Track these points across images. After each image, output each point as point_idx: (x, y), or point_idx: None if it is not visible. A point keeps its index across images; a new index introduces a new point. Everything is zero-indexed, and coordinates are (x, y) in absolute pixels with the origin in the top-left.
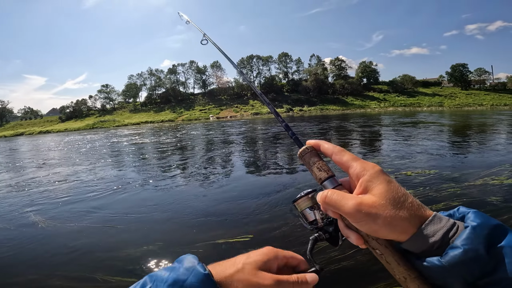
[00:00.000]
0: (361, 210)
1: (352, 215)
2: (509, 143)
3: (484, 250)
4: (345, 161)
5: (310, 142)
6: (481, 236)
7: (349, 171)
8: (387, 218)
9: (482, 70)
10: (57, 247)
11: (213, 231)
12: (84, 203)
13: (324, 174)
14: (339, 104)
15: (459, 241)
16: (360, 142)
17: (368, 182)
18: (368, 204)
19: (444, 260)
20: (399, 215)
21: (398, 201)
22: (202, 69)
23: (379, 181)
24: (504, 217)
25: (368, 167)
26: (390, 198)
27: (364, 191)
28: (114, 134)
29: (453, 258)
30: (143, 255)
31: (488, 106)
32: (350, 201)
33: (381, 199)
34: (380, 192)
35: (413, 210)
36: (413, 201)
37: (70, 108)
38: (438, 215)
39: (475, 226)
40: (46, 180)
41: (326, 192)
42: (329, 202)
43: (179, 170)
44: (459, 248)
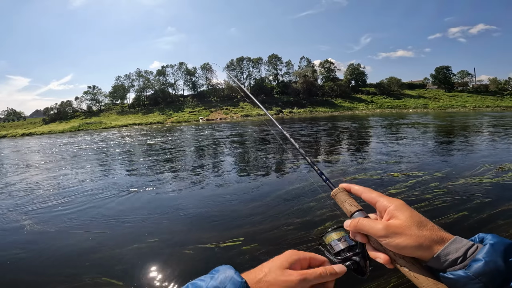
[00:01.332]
0: (389, 230)
1: (382, 234)
2: (490, 143)
3: (502, 261)
4: (374, 197)
5: (343, 185)
6: (499, 251)
7: (377, 204)
8: (412, 236)
9: (465, 73)
10: (45, 249)
11: (204, 233)
12: (71, 206)
13: (354, 208)
14: (328, 106)
15: (480, 255)
16: (349, 144)
17: (394, 211)
18: (396, 225)
19: (469, 271)
20: (422, 234)
21: (421, 224)
22: (191, 71)
23: (403, 210)
24: (485, 213)
25: (393, 201)
26: (413, 221)
27: (390, 218)
28: (100, 137)
29: (476, 269)
30: (134, 256)
31: (471, 108)
32: (379, 224)
33: (406, 222)
34: (405, 217)
35: (434, 231)
36: (434, 225)
37: (55, 109)
38: (459, 237)
39: (493, 243)
40: (31, 183)
41: (357, 219)
42: (361, 226)
43: (169, 174)
44: (481, 261)
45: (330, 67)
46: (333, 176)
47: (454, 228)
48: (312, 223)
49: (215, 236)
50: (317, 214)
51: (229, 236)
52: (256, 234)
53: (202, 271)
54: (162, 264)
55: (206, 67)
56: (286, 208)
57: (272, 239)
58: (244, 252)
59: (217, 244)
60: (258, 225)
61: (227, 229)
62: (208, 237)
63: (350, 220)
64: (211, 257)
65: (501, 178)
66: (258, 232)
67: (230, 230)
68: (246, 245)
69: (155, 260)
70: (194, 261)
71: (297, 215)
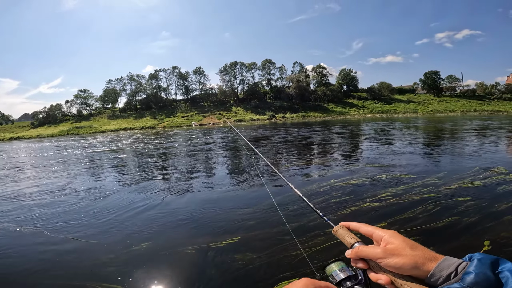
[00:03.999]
0: (387, 252)
1: (381, 256)
2: (480, 147)
3: (491, 273)
4: (370, 230)
5: (343, 223)
6: (486, 264)
7: (373, 235)
8: (407, 256)
9: (452, 77)
10: (37, 253)
11: (200, 236)
12: (61, 210)
13: (353, 240)
14: (320, 111)
15: (471, 268)
16: (340, 150)
17: (389, 238)
18: (392, 248)
19: (463, 283)
20: (416, 253)
21: (413, 246)
22: (184, 75)
23: (397, 237)
24: (476, 217)
25: (387, 231)
26: (406, 244)
27: (386, 245)
28: (90, 141)
29: (469, 280)
30: (129, 258)
31: (459, 112)
32: (377, 248)
33: (400, 245)
34: (399, 242)
35: (425, 251)
36: (424, 248)
37: (43, 113)
38: (449, 256)
39: (480, 258)
40: (20, 187)
41: (358, 248)
42: (361, 252)
43: (162, 178)
44: (471, 273)
45: (323, 72)
46: (323, 179)
47: (447, 232)
48: (306, 228)
49: (209, 239)
50: (311, 219)
51: (226, 238)
52: (251, 239)
53: (198, 275)
54: (157, 268)
55: (199, 72)
56: (279, 213)
57: (268, 245)
58: (240, 255)
59: (215, 245)
60: (253, 229)
61: (224, 232)
62: (204, 239)
63: (351, 249)
64: (208, 258)
65: (492, 181)
66: (252, 237)
67: (228, 233)
68: (242, 247)
69: (152, 261)
70: (196, 263)
71: (289, 220)
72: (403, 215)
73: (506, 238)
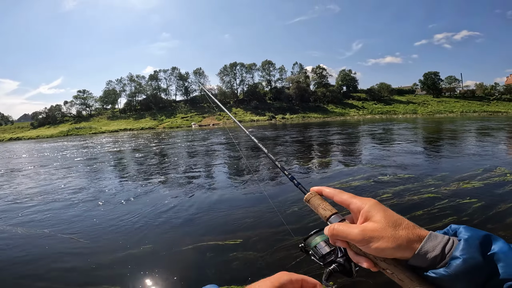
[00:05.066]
0: (366, 235)
1: (359, 240)
2: (479, 148)
3: (480, 257)
4: (345, 199)
5: (314, 188)
6: (474, 245)
7: (350, 206)
8: (389, 238)
9: (452, 78)
10: (35, 256)
11: (201, 236)
12: (62, 212)
13: (328, 212)
14: (320, 112)
15: (457, 252)
16: (340, 151)
17: (367, 213)
18: (371, 229)
19: (449, 270)
20: (398, 234)
21: (395, 223)
22: (184, 76)
23: (376, 210)
24: (477, 218)
25: (365, 201)
26: (388, 221)
27: (365, 220)
28: (90, 142)
29: (456, 267)
30: (129, 259)
31: (458, 113)
32: (355, 229)
33: (381, 224)
34: (379, 218)
35: (409, 229)
36: (409, 223)
37: (43, 114)
38: (434, 233)
39: (467, 238)
40: (15, 192)
41: (333, 225)
42: (337, 232)
43: (163, 180)
44: (459, 258)
45: (322, 73)
46: (323, 181)
47: None
48: (307, 229)
49: (211, 239)
50: (311, 219)
51: (227, 238)
52: (251, 239)
53: (198, 275)
54: (157, 268)
55: (199, 72)
56: (279, 214)
57: (268, 245)
58: (240, 255)
59: (215, 244)
60: (253, 231)
61: (224, 232)
62: (206, 239)
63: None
64: (208, 257)
65: (493, 181)
66: (252, 237)
67: (228, 233)
68: (242, 247)
69: (153, 262)
70: (194, 262)
71: (290, 221)
72: (405, 216)
73: (510, 238)
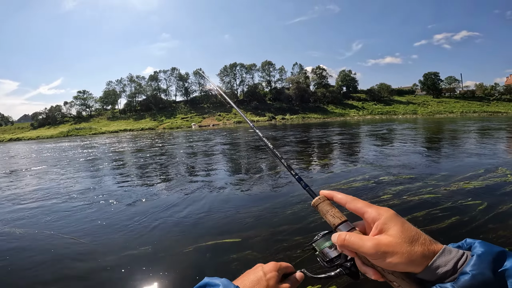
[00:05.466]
0: (380, 249)
1: (371, 254)
2: (480, 149)
3: (491, 273)
4: (359, 208)
5: (324, 192)
6: (486, 261)
7: (364, 216)
8: (403, 254)
9: (452, 78)
10: (33, 258)
11: (201, 236)
12: (62, 212)
13: (337, 220)
14: (320, 113)
15: (467, 267)
16: (341, 151)
17: (383, 225)
18: (385, 243)
19: (456, 285)
20: (414, 251)
21: (412, 239)
22: (184, 76)
23: (394, 223)
24: (477, 218)
25: (382, 212)
26: (404, 237)
27: (379, 232)
28: (90, 143)
29: (464, 283)
30: (129, 259)
31: (458, 114)
32: (368, 242)
33: (397, 239)
34: (396, 232)
35: (426, 245)
36: (426, 238)
37: (43, 114)
38: (448, 247)
39: (480, 254)
40: (15, 192)
41: (344, 235)
42: (348, 244)
43: (163, 181)
44: (468, 274)
45: (322, 74)
46: (323, 182)
47: (447, 234)
48: (309, 229)
49: (211, 239)
50: (311, 220)
51: (226, 238)
52: (251, 239)
53: (198, 275)
54: (157, 269)
55: (198, 73)
56: (280, 214)
57: (269, 245)
58: (241, 256)
59: (214, 244)
60: (253, 230)
61: (224, 232)
62: (200, 241)
63: (337, 235)
64: (208, 258)
65: (494, 182)
66: (252, 236)
67: (227, 233)
68: (242, 248)
69: (152, 263)
70: (194, 263)
71: (290, 221)
72: (405, 217)
73: (511, 239)
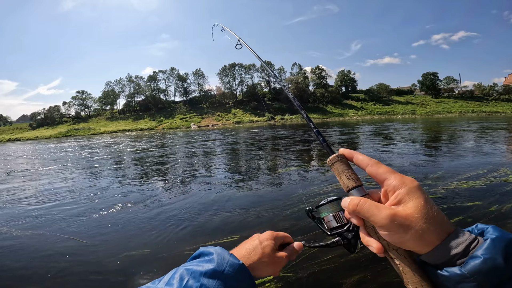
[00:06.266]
0: (395, 221)
1: (384, 225)
2: (480, 149)
3: (502, 259)
4: (381, 173)
5: (343, 151)
6: (499, 247)
7: (385, 182)
8: (418, 231)
9: (450, 79)
10: (31, 260)
11: (201, 237)
12: (59, 213)
13: (352, 183)
14: (319, 113)
15: (479, 251)
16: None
17: (404, 195)
18: (402, 215)
19: (464, 269)
20: (430, 229)
21: (431, 216)
22: (183, 77)
23: (416, 195)
24: (479, 220)
25: (407, 181)
26: (424, 212)
27: (398, 203)
28: (89, 143)
29: (473, 266)
30: (128, 263)
31: (457, 114)
32: (383, 211)
33: (416, 213)
34: (416, 206)
35: (442, 225)
36: (443, 218)
37: (42, 115)
38: (460, 229)
39: (494, 238)
40: (16, 192)
41: (358, 200)
42: (360, 210)
43: (163, 181)
44: (479, 258)
45: (321, 74)
46: (323, 182)
47: None
48: (307, 229)
49: (210, 239)
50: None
51: (225, 237)
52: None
53: None
54: (157, 270)
55: (198, 73)
56: (281, 214)
57: None
58: None
59: (214, 243)
60: (254, 230)
61: (222, 232)
62: (203, 240)
63: (349, 200)
64: None
65: (495, 182)
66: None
67: (227, 234)
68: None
69: (151, 264)
70: None
71: (291, 220)
72: None
73: None
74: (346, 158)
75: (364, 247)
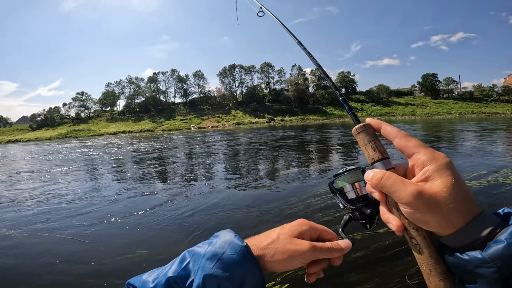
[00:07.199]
0: (420, 199)
1: (409, 202)
2: (480, 149)
3: None
4: (411, 146)
5: (371, 120)
6: None
7: (414, 156)
8: (444, 211)
9: (450, 80)
10: (28, 261)
11: (201, 237)
12: (59, 215)
13: (378, 155)
14: (319, 114)
15: (503, 236)
16: (342, 152)
17: (434, 172)
18: (430, 193)
19: (485, 253)
20: (456, 209)
21: (460, 196)
22: (183, 78)
23: (447, 173)
24: None
25: (438, 157)
26: (453, 192)
27: (425, 180)
28: (89, 144)
29: (495, 251)
30: (128, 263)
31: (457, 115)
32: (410, 187)
33: (444, 192)
34: (445, 184)
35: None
36: (471, 200)
37: (42, 116)
38: (487, 213)
39: None
40: (22, 190)
41: (382, 173)
42: (384, 183)
43: (163, 182)
44: (502, 242)
45: (321, 75)
46: (323, 181)
47: None
48: None
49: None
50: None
51: None
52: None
53: None
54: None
55: (198, 75)
56: (283, 214)
57: None
58: None
59: None
60: (254, 229)
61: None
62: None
63: (373, 173)
64: None
65: (495, 182)
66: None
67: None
68: None
69: (150, 265)
70: None
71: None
72: None
73: None
74: (373, 129)
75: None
